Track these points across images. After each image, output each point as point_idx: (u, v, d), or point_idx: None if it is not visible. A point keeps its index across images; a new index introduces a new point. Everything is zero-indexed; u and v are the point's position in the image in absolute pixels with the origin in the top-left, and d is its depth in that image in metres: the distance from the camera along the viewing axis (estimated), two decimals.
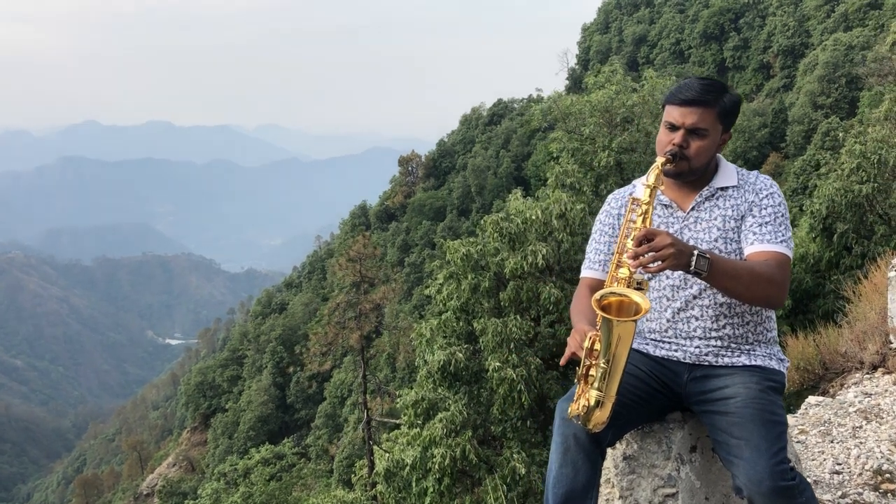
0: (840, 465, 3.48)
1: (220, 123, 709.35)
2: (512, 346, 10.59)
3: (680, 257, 2.16)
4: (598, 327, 2.20)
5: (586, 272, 2.67)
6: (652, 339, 2.58)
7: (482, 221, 12.01)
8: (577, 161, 14.68)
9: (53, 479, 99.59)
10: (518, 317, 10.95)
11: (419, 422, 11.68)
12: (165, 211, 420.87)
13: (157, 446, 77.35)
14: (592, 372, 2.21)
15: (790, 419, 4.02)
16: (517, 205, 12.15)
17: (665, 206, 2.58)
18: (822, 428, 3.88)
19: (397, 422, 17.39)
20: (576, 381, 2.29)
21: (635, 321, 2.13)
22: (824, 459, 3.55)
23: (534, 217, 11.41)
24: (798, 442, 3.75)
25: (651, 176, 2.35)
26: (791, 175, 39.00)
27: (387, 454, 12.60)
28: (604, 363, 2.15)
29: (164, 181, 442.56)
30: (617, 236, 2.59)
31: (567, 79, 74.50)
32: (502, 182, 59.47)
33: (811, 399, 4.26)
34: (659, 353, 2.55)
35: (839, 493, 3.24)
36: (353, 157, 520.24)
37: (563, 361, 2.34)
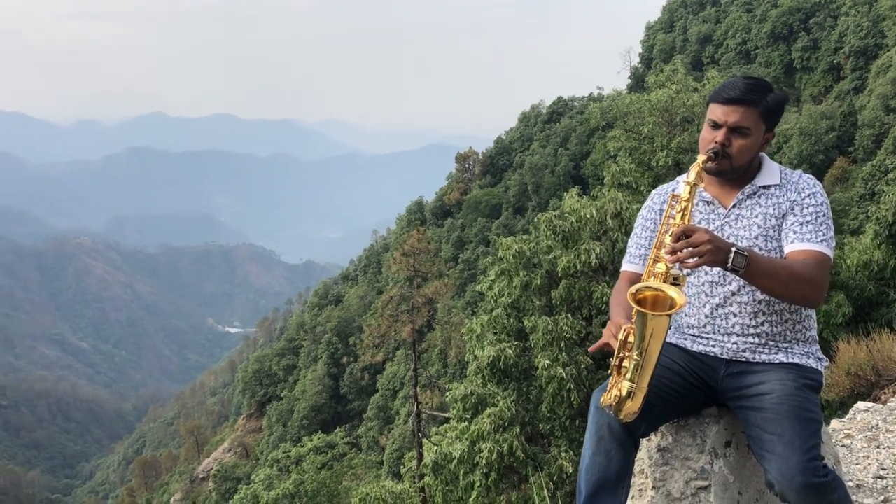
0: (885, 470, 3.44)
1: (283, 117, 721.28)
2: (562, 344, 10.55)
3: (717, 254, 2.20)
4: (633, 320, 2.25)
5: (627, 266, 2.71)
6: (690, 335, 2.61)
7: (536, 219, 12.01)
8: (635, 160, 14.55)
9: (115, 458, 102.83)
10: (569, 315, 10.90)
11: (468, 416, 11.75)
12: (227, 202, 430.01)
13: (214, 431, 79.17)
14: (625, 363, 2.26)
15: (837, 423, 3.99)
16: (572, 203, 12.11)
17: (707, 202, 2.61)
18: (869, 433, 3.83)
19: (447, 416, 17.49)
20: (609, 372, 2.34)
21: (669, 315, 2.17)
22: (869, 464, 3.52)
23: (588, 216, 11.35)
24: (843, 446, 3.71)
25: (692, 173, 2.38)
26: (859, 180, 37.90)
27: (435, 447, 12.70)
28: (637, 355, 2.21)
29: (227, 173, 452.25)
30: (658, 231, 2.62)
31: (629, 77, 73.56)
32: (559, 180, 59.14)
33: (860, 404, 4.21)
34: (696, 348, 2.58)
35: (882, 497, 3.22)
36: (412, 153, 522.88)
37: (592, 349, 2.41)
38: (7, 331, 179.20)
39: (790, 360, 2.47)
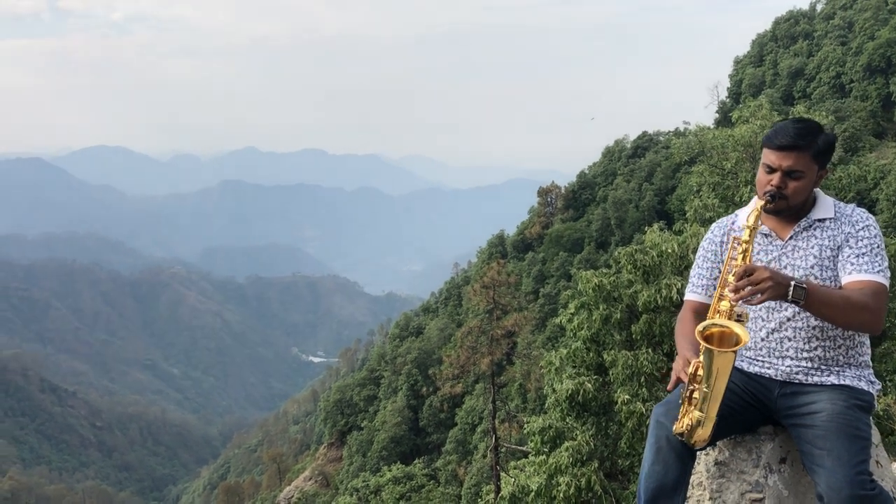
0: None
1: (370, 152, 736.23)
2: (642, 380, 10.52)
3: (778, 289, 2.40)
4: (700, 355, 2.46)
5: (689, 295, 2.91)
6: (747, 357, 2.79)
7: (616, 253, 12.07)
8: (718, 195, 14.44)
9: (200, 483, 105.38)
10: (650, 351, 10.87)
11: (545, 449, 11.77)
12: (314, 234, 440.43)
13: (296, 459, 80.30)
14: (696, 395, 2.48)
15: None
16: (653, 237, 12.12)
17: (765, 235, 2.79)
18: None
19: (525, 450, 17.49)
20: (680, 401, 2.55)
21: (735, 352, 2.38)
22: None
23: (670, 250, 11.33)
24: None
25: (751, 217, 2.60)
26: None
27: (513, 479, 12.76)
28: (706, 388, 2.42)
29: (314, 206, 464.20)
30: (718, 262, 2.83)
31: (717, 112, 72.40)
32: (644, 215, 58.39)
33: None
34: (752, 369, 2.76)
35: None
36: (493, 187, 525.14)
37: (669, 387, 2.62)
38: (104, 356, 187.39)
39: (841, 382, 2.62)
